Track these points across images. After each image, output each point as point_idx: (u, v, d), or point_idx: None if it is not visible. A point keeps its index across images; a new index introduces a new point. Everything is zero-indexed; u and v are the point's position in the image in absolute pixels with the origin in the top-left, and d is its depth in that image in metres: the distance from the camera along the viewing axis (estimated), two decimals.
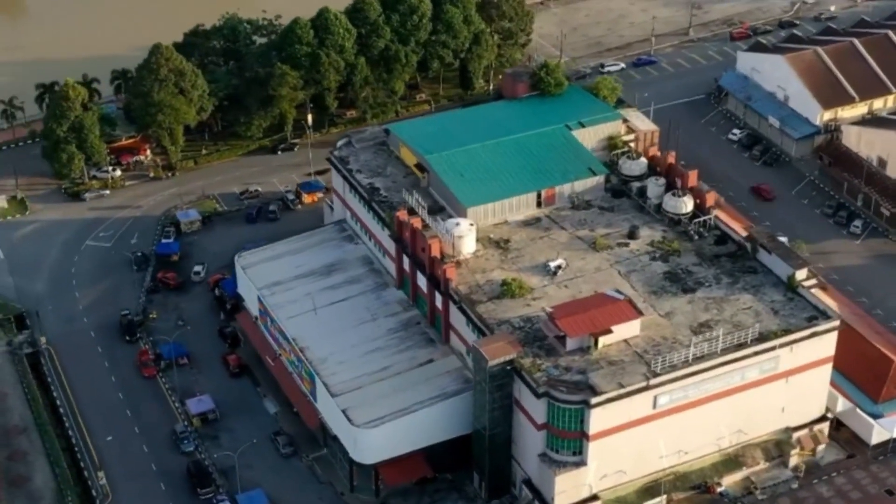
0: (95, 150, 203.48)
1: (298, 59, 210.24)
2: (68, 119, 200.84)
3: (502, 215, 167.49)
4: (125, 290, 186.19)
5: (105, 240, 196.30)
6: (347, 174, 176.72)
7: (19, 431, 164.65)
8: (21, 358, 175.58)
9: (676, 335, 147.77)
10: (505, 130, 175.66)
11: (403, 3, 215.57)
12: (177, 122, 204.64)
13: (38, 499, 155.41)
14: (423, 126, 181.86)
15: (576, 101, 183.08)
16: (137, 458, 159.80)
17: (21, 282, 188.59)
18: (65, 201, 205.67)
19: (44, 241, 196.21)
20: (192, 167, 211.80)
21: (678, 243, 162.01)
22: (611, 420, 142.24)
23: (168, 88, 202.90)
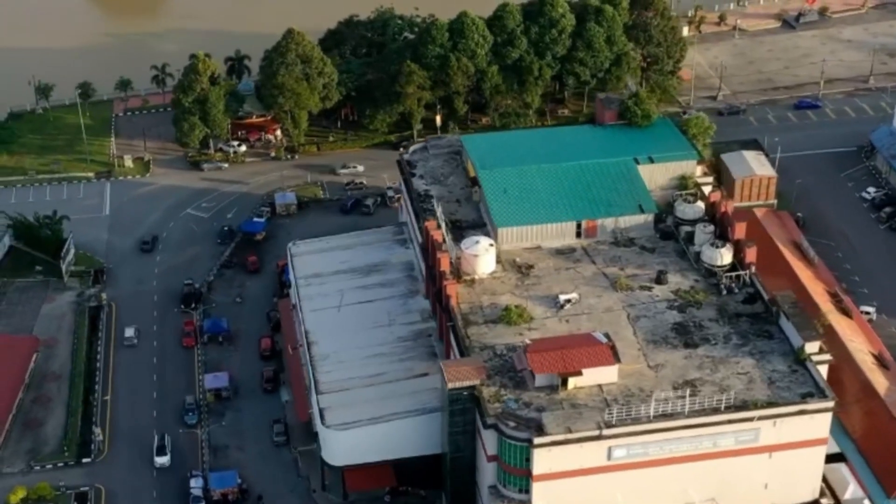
0: (217, 124, 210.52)
1: (429, 60, 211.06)
2: (194, 91, 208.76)
3: (537, 240, 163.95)
4: (203, 261, 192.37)
5: (205, 210, 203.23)
6: (407, 178, 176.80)
7: (54, 378, 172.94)
8: (84, 310, 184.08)
9: (657, 389, 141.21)
10: (571, 155, 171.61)
11: (545, 16, 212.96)
12: (297, 106, 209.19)
13: (43, 443, 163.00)
14: (494, 140, 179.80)
15: (658, 136, 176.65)
16: (143, 422, 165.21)
17: (114, 238, 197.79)
18: (184, 169, 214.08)
19: (150, 203, 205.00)
20: (314, 152, 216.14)
21: (704, 295, 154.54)
22: (559, 464, 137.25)
23: (293, 73, 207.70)
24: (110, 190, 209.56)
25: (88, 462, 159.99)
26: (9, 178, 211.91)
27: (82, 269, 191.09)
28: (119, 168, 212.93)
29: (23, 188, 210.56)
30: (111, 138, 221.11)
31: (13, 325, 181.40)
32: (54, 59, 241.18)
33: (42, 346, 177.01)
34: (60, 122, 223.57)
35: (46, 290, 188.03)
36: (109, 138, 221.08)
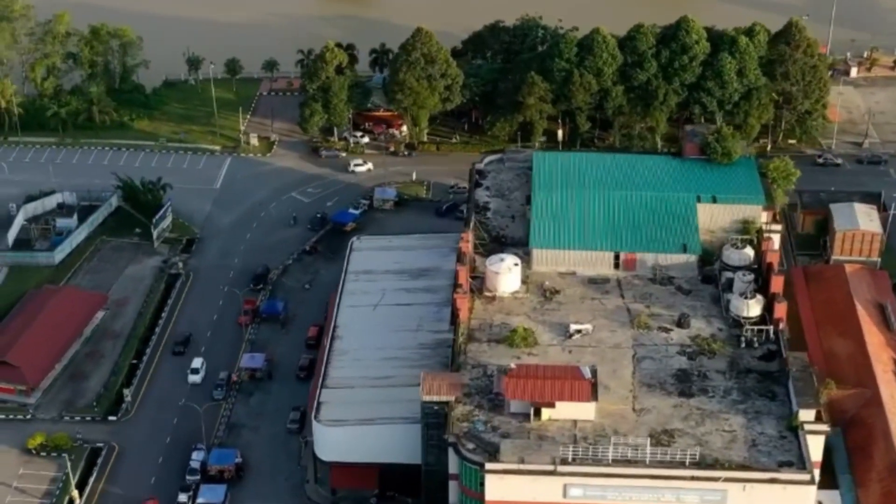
0: (338, 113, 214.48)
1: (554, 73, 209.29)
2: (319, 78, 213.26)
3: (573, 266, 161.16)
4: (290, 244, 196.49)
5: (308, 196, 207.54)
6: (472, 187, 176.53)
7: (112, 336, 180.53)
8: (163, 276, 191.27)
9: (632, 433, 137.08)
10: (636, 184, 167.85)
11: (678, 41, 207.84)
12: (416, 104, 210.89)
13: (80, 396, 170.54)
14: (566, 160, 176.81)
15: (733, 176, 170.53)
16: (176, 391, 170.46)
17: (216, 211, 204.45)
18: (304, 153, 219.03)
19: (260, 182, 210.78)
20: (433, 151, 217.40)
21: (721, 345, 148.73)
22: (512, 493, 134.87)
23: (414, 72, 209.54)
24: (228, 165, 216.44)
25: (113, 420, 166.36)
26: (141, 142, 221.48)
27: (175, 237, 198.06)
28: (245, 145, 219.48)
29: (149, 153, 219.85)
30: (247, 116, 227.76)
31: (95, 281, 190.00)
32: (229, 34, 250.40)
33: (112, 304, 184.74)
34: (206, 94, 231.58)
35: (136, 252, 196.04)
36: (245, 115, 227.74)
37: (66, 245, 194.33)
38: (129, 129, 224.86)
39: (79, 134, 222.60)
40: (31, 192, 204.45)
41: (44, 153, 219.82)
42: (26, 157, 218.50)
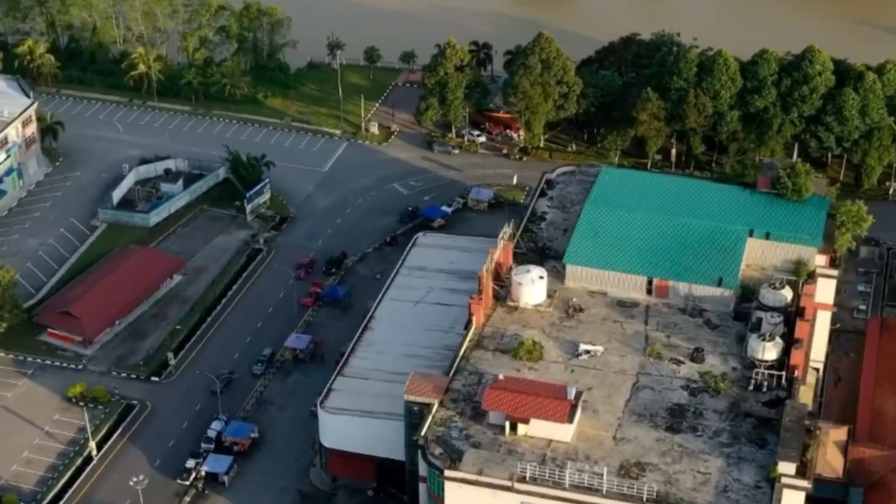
0: (453, 110, 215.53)
1: (669, 91, 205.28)
2: (437, 74, 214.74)
3: (605, 286, 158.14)
4: (375, 233, 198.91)
5: (409, 188, 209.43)
6: (534, 197, 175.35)
7: (181, 301, 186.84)
8: (246, 250, 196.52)
9: (603, 461, 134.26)
10: (691, 212, 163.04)
11: (800, 71, 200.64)
12: (528, 108, 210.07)
13: (129, 355, 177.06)
14: (631, 179, 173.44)
15: (798, 214, 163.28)
16: (221, 361, 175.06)
17: (316, 193, 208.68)
18: (418, 146, 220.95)
19: (367, 170, 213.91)
20: (546, 158, 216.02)
21: (728, 385, 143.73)
22: (470, 503, 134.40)
23: (530, 76, 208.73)
24: (343, 149, 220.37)
25: (155, 381, 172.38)
26: (267, 119, 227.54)
27: (270, 214, 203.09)
28: (364, 132, 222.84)
29: (272, 130, 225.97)
30: (375, 104, 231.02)
31: (182, 246, 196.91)
32: (382, 22, 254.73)
33: (190, 271, 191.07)
34: (343, 79, 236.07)
35: (230, 224, 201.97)
36: (374, 104, 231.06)
37: (164, 209, 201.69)
38: (260, 105, 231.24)
39: (211, 105, 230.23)
40: (147, 156, 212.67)
41: (174, 120, 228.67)
42: (157, 122, 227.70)
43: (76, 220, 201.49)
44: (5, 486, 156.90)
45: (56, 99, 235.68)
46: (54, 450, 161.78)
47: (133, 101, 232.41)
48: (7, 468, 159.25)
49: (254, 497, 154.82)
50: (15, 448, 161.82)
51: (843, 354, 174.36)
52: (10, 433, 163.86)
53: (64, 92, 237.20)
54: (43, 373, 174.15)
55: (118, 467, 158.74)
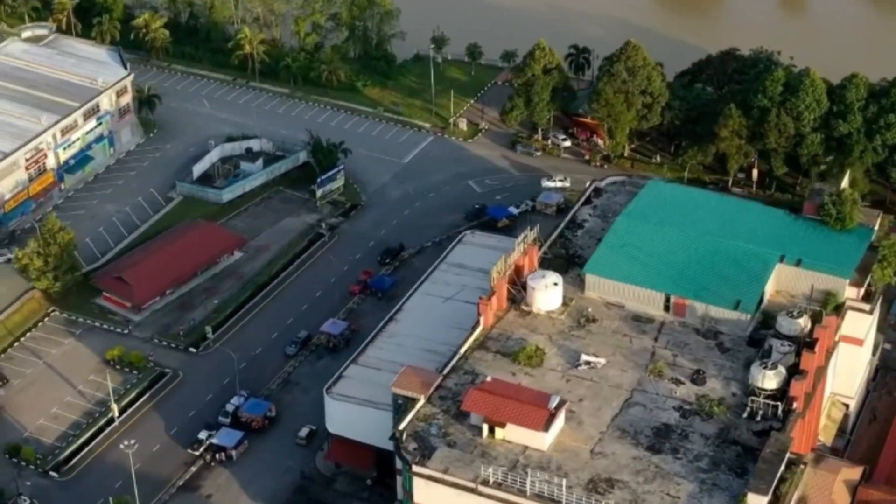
0: (537, 112, 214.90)
1: (754, 109, 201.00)
2: (525, 75, 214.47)
3: (624, 298, 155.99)
4: (438, 228, 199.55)
5: (483, 186, 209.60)
6: (577, 204, 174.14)
7: (236, 277, 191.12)
8: (310, 234, 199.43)
9: (574, 473, 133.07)
10: (725, 232, 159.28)
11: (889, 97, 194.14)
12: (609, 116, 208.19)
13: (174, 325, 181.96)
14: (675, 193, 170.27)
15: (835, 243, 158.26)
16: (258, 339, 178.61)
17: (391, 184, 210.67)
18: (502, 145, 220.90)
19: (446, 165, 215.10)
20: (627, 168, 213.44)
21: (723, 410, 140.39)
22: (436, 501, 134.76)
23: (614, 83, 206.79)
24: (427, 143, 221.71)
25: (192, 353, 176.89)
26: (361, 107, 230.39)
27: (342, 200, 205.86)
28: (453, 128, 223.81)
29: (363, 119, 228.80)
30: (470, 101, 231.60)
31: (249, 224, 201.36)
32: (500, 19, 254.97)
33: (251, 249, 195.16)
34: (445, 74, 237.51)
35: (301, 207, 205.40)
36: (469, 100, 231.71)
37: (238, 187, 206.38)
38: (357, 93, 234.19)
39: (309, 90, 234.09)
40: (235, 135, 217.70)
41: (271, 102, 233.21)
42: (254, 103, 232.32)
43: (155, 191, 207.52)
44: (28, 438, 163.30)
45: (165, 73, 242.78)
46: (81, 408, 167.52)
47: (237, 81, 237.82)
48: (34, 422, 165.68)
49: (257, 473, 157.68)
50: (46, 403, 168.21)
51: (884, 393, 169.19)
52: (45, 389, 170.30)
53: (174, 67, 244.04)
54: (90, 334, 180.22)
55: (136, 431, 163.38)
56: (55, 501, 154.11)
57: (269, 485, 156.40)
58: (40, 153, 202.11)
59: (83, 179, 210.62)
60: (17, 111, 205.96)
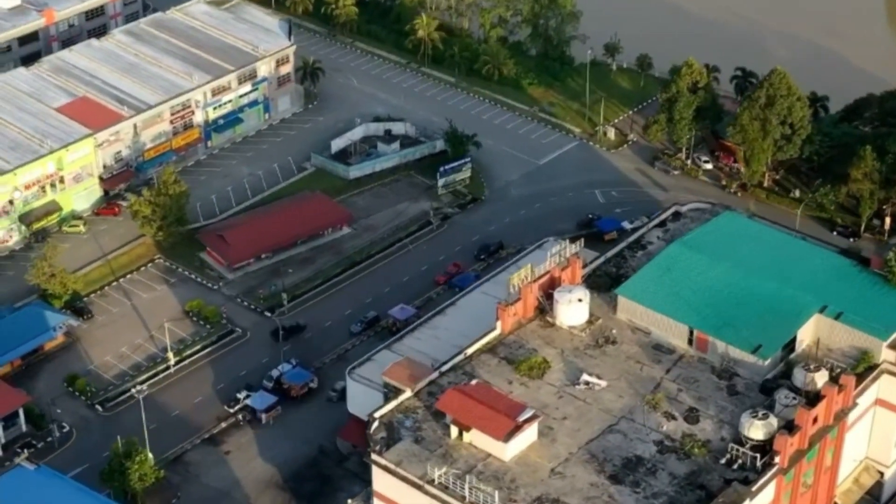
0: (677, 130, 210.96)
1: (888, 153, 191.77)
2: (669, 91, 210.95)
3: (651, 325, 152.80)
4: (546, 232, 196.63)
5: (608, 197, 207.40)
6: (650, 225, 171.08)
7: (333, 252, 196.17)
8: (419, 220, 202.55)
9: (525, 488, 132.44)
10: (776, 274, 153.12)
11: None
12: (744, 141, 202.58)
13: (260, 288, 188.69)
14: (745, 228, 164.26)
15: (885, 303, 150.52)
16: (335, 314, 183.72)
17: (518, 182, 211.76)
18: (644, 159, 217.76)
19: (579, 171, 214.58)
20: (761, 198, 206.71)
21: (703, 453, 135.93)
22: (392, 493, 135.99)
23: (752, 110, 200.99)
24: (569, 147, 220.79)
25: (266, 316, 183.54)
26: (517, 104, 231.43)
27: (464, 192, 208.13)
28: (601, 136, 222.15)
29: (515, 116, 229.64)
30: (628, 111, 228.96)
31: (365, 203, 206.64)
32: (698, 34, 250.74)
33: (360, 227, 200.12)
34: (613, 81, 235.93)
35: (422, 193, 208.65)
36: (628, 110, 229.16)
37: (367, 166, 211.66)
38: (520, 90, 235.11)
39: (473, 81, 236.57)
40: (382, 115, 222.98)
41: (434, 89, 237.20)
42: (417, 88, 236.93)
43: (292, 160, 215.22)
44: (90, 370, 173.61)
45: (346, 49, 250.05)
46: (146, 352, 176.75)
47: (410, 65, 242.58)
48: (101, 357, 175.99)
49: (279, 439, 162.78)
50: (117, 342, 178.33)
51: None
52: (122, 328, 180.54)
53: (357, 45, 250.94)
54: (183, 284, 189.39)
55: (185, 381, 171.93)
56: (92, 432, 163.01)
57: (286, 452, 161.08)
58: (187, 109, 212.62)
59: (231, 140, 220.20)
60: (175, 67, 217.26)
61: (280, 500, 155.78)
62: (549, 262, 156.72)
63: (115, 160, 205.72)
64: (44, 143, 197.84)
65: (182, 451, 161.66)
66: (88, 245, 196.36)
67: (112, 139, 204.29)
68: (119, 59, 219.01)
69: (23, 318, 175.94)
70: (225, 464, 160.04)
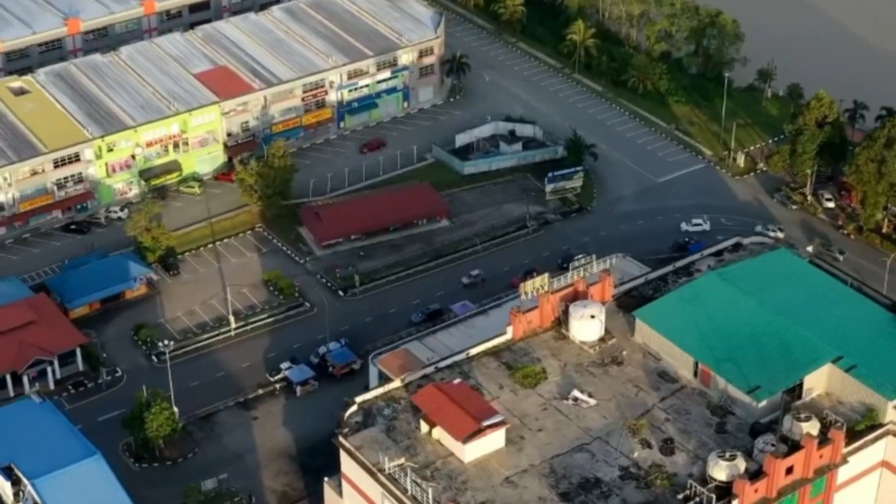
0: (798, 164, 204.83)
1: None
2: (796, 125, 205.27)
3: (662, 352, 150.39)
4: (638, 251, 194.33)
5: (714, 223, 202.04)
6: (705, 253, 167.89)
7: (426, 242, 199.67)
8: (517, 222, 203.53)
9: (472, 492, 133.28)
10: (801, 318, 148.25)
11: None
12: (860, 183, 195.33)
13: (338, 267, 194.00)
14: (794, 268, 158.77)
15: None
16: (400, 300, 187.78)
17: (629, 198, 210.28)
18: (765, 188, 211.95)
19: (693, 194, 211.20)
20: (874, 243, 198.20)
21: (668, 483, 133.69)
22: (355, 476, 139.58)
23: (870, 150, 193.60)
24: (693, 169, 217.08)
25: (339, 296, 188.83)
26: (655, 119, 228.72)
27: (572, 200, 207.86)
28: (731, 162, 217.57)
29: (649, 131, 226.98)
30: (767, 141, 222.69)
31: (476, 199, 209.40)
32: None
33: (458, 221, 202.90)
34: (762, 107, 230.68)
35: (532, 196, 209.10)
36: (767, 138, 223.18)
37: (482, 164, 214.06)
38: (663, 106, 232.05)
39: (619, 92, 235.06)
40: (514, 116, 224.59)
41: (578, 95, 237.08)
42: (563, 93, 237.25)
43: (415, 150, 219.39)
44: (160, 323, 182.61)
45: (507, 47, 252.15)
46: (216, 313, 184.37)
47: (563, 70, 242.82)
48: (173, 311, 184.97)
49: (306, 413, 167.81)
50: (193, 300, 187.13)
51: None
52: (202, 288, 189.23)
53: (519, 45, 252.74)
54: (273, 255, 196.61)
55: (240, 345, 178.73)
56: (141, 381, 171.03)
57: (308, 426, 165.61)
58: (320, 89, 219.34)
59: (365, 124, 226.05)
60: (316, 46, 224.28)
61: (286, 470, 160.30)
62: (572, 274, 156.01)
63: (242, 129, 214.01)
64: (171, 105, 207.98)
65: (214, 411, 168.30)
66: (199, 206, 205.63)
67: (239, 109, 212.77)
68: (268, 34, 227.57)
69: (108, 265, 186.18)
70: (249, 428, 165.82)
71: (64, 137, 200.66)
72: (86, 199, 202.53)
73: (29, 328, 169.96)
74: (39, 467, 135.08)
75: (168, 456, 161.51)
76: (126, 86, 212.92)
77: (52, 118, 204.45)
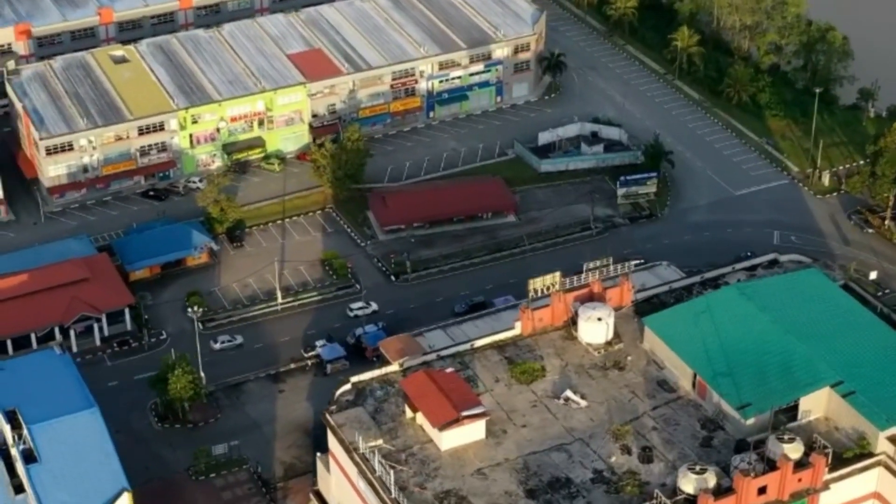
0: (876, 186, 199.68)
1: None
2: (878, 145, 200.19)
3: (666, 359, 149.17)
4: (696, 261, 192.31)
5: (783, 240, 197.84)
6: (737, 266, 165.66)
7: (486, 235, 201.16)
8: (577, 224, 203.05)
9: (440, 480, 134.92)
10: (813, 340, 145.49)
11: None
12: None
13: (393, 253, 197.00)
14: (816, 287, 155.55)
15: None
16: (449, 290, 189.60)
17: (702, 209, 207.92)
18: (845, 208, 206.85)
19: (769, 210, 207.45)
20: None
21: (635, 492, 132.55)
22: (336, 451, 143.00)
23: None
24: (774, 185, 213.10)
25: (391, 281, 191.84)
26: (748, 132, 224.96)
27: (643, 206, 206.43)
28: (816, 180, 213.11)
29: (739, 144, 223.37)
30: (856, 161, 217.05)
31: (547, 197, 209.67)
32: None
33: (524, 217, 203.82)
34: (863, 127, 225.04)
35: (604, 198, 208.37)
36: (858, 159, 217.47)
37: (560, 163, 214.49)
38: (759, 119, 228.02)
39: (716, 102, 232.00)
40: (601, 117, 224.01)
41: (675, 102, 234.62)
42: (660, 98, 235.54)
43: (500, 144, 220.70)
44: (213, 291, 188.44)
45: (615, 49, 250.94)
46: (268, 286, 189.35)
47: (666, 76, 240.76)
48: (228, 281, 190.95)
49: (332, 389, 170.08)
50: (249, 271, 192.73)
51: None
52: (259, 261, 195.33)
53: (628, 47, 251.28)
54: (337, 235, 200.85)
55: (284, 321, 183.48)
56: (184, 343, 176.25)
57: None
58: (410, 77, 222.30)
59: (455, 115, 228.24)
60: (411, 34, 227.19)
61: (300, 444, 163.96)
62: (586, 275, 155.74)
63: (329, 111, 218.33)
64: (258, 83, 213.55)
65: (244, 380, 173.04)
66: (276, 183, 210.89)
67: (326, 91, 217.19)
68: (367, 21, 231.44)
69: (172, 232, 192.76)
70: (273, 400, 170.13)
71: (151, 106, 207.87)
72: (168, 167, 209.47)
73: (81, 285, 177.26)
74: (38, 414, 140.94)
75: (191, 419, 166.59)
76: (220, 60, 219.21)
77: (145, 87, 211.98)
